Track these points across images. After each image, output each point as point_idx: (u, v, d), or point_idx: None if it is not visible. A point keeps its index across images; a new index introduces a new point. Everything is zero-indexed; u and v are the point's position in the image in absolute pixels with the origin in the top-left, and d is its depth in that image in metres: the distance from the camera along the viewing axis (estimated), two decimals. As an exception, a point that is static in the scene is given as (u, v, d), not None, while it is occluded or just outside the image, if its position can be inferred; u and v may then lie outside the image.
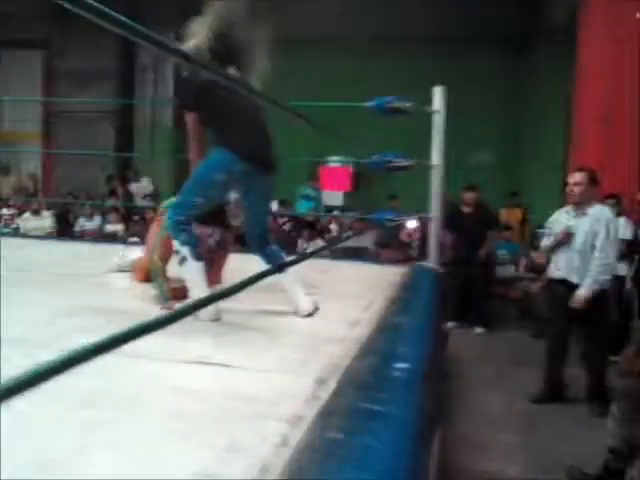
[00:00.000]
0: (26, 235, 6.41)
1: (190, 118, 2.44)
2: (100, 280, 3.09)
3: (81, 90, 9.26)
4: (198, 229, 2.63)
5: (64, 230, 7.32)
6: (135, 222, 7.22)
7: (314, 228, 6.67)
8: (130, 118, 9.69)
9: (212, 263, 2.78)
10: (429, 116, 3.83)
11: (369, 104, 3.80)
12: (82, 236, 6.92)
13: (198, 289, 2.34)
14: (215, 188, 2.35)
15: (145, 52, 9.54)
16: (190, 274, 2.37)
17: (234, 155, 2.29)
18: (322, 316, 2.53)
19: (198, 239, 2.44)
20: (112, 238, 6.51)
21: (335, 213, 8.51)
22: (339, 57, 8.99)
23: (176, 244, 2.37)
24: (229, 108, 2.34)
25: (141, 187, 9.14)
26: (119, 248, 3.80)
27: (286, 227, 6.89)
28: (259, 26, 2.44)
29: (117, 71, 9.57)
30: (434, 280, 3.55)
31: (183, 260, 2.35)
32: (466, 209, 6.45)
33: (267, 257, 2.59)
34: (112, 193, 8.65)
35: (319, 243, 6.50)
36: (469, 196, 6.43)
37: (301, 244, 6.53)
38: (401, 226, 6.16)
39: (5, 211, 7.20)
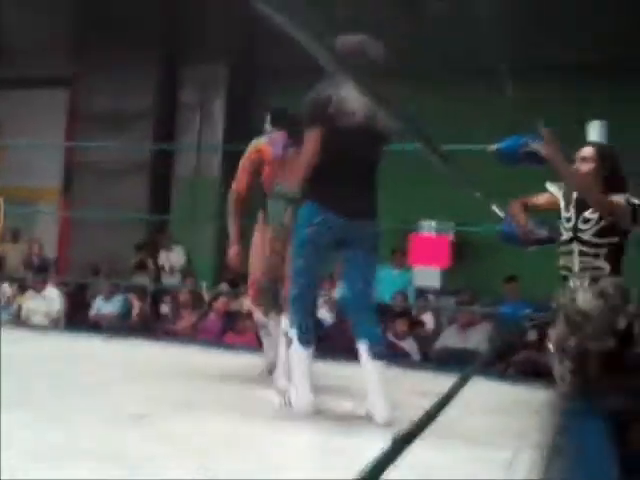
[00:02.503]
0: (24, 323, 6.13)
1: (311, 140, 2.82)
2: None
3: (110, 136, 9.07)
4: None
5: (78, 313, 7.00)
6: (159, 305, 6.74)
7: (410, 320, 6.01)
8: (168, 169, 9.42)
9: None
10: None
11: (496, 147, 3.37)
12: (96, 323, 6.56)
13: (298, 378, 2.67)
14: (310, 244, 2.71)
15: (189, 88, 9.40)
16: (293, 360, 2.71)
17: (318, 205, 2.69)
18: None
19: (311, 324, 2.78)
20: (136, 328, 6.07)
21: (430, 298, 7.82)
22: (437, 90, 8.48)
23: (285, 323, 2.80)
24: (330, 149, 2.79)
25: (172, 258, 8.76)
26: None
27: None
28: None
29: (154, 112, 9.39)
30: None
31: (289, 342, 2.74)
32: None
33: (370, 337, 2.78)
34: (140, 266, 8.24)
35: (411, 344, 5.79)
36: None
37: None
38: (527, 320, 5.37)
39: (6, 288, 6.92)
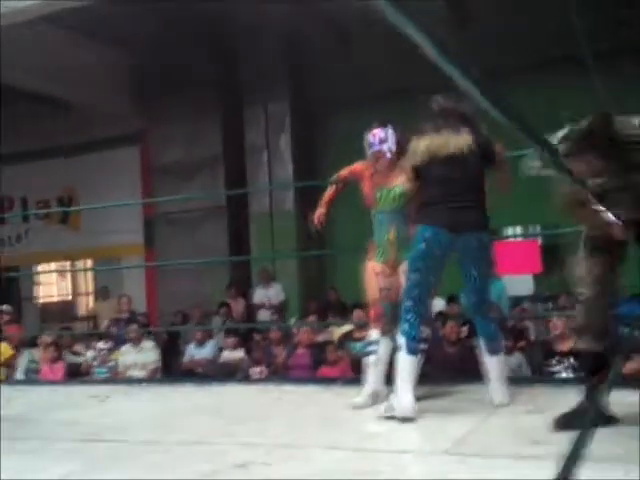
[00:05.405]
0: (116, 379, 6.19)
1: (411, 182, 3.30)
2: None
3: (184, 185, 9.32)
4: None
5: (171, 362, 7.06)
6: (256, 344, 6.71)
7: (516, 333, 5.73)
8: (244, 210, 9.51)
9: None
10: None
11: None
12: (191, 370, 6.60)
13: (402, 383, 2.90)
14: (422, 258, 3.07)
15: (254, 129, 9.48)
16: (400, 365, 2.95)
17: (428, 225, 3.08)
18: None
19: (418, 334, 3.05)
20: (231, 371, 6.07)
21: (526, 307, 7.53)
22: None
23: (399, 330, 3.03)
24: (426, 176, 3.21)
25: (271, 295, 8.70)
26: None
27: (461, 333, 6.05)
28: None
29: (224, 157, 9.54)
30: None
31: (398, 349, 2.98)
32: None
33: (486, 335, 3.17)
34: (223, 307, 8.10)
35: (519, 358, 5.50)
36: None
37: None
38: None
39: (101, 345, 7.09)
